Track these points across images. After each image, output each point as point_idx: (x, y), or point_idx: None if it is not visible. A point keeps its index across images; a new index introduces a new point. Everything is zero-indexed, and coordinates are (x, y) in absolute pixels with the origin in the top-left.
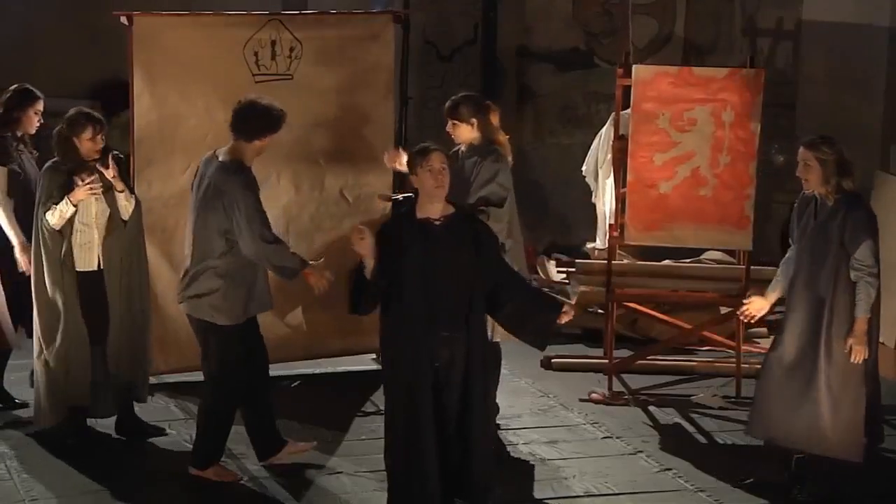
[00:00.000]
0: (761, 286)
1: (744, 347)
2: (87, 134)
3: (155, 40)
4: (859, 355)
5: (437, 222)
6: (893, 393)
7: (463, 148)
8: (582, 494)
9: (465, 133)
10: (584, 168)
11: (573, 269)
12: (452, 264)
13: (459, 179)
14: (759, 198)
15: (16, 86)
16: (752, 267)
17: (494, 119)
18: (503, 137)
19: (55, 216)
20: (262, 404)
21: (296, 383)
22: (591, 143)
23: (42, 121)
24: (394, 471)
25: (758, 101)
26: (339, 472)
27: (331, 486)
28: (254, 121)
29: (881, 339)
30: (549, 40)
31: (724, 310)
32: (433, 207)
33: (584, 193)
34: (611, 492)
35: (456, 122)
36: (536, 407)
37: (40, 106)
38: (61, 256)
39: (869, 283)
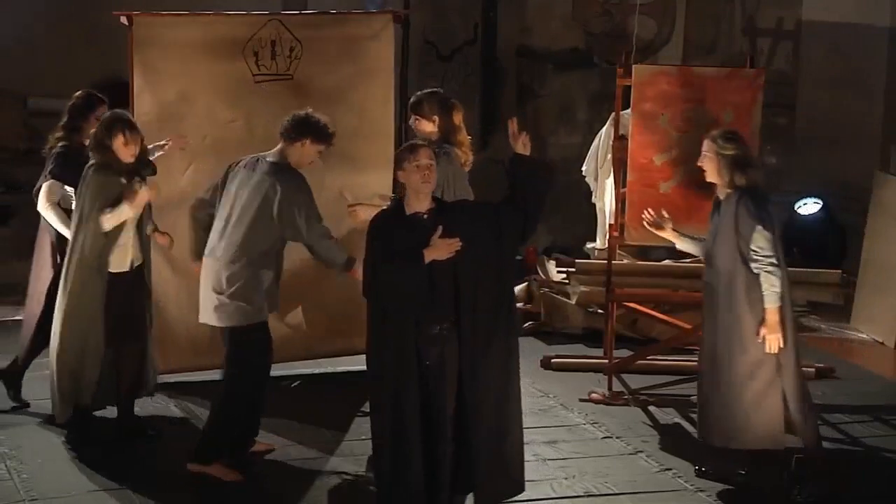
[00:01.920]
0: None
1: None
2: (122, 137)
3: (155, 40)
4: (774, 345)
5: (426, 216)
6: (893, 393)
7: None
8: (582, 494)
9: (426, 129)
10: (584, 168)
11: (573, 269)
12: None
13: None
14: None
15: (79, 92)
16: None
17: (458, 119)
18: (464, 137)
19: (112, 220)
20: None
21: (296, 383)
22: (591, 143)
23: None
24: (381, 472)
25: (758, 101)
26: (339, 472)
27: (331, 485)
28: (304, 126)
29: (881, 339)
30: (549, 40)
31: None
32: (420, 203)
33: (584, 193)
34: (611, 492)
35: (418, 117)
36: (536, 407)
37: (103, 110)
38: (97, 259)
39: (770, 272)
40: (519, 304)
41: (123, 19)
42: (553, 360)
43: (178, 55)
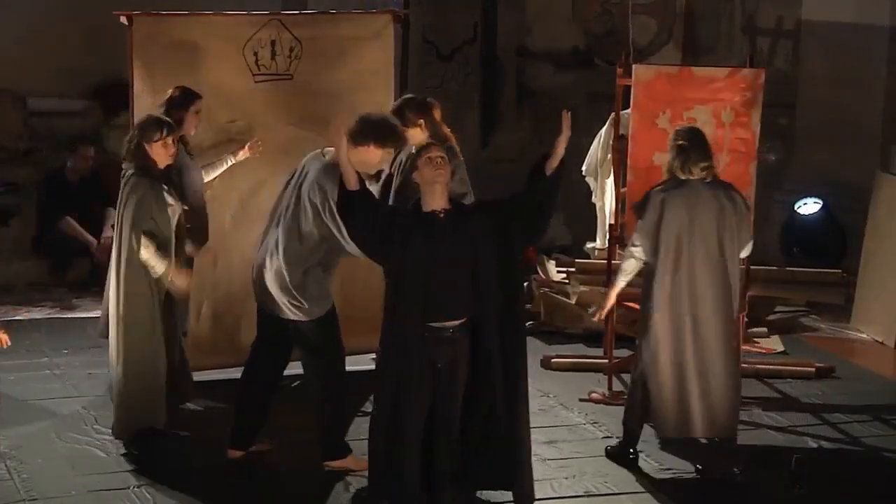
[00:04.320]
0: (761, 286)
1: (744, 347)
2: (159, 139)
3: (155, 40)
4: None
5: (441, 214)
6: (893, 393)
7: (413, 150)
8: (582, 494)
9: (416, 135)
10: (584, 168)
11: (573, 269)
12: (455, 257)
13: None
14: (757, 197)
15: (177, 86)
16: (751, 267)
17: (438, 115)
18: (448, 131)
19: (147, 255)
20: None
21: (296, 383)
22: (591, 143)
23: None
24: (374, 460)
25: (758, 101)
26: (339, 472)
27: (331, 486)
28: (365, 126)
29: (881, 339)
30: (549, 40)
31: None
32: (436, 200)
33: (585, 193)
34: (611, 492)
35: (404, 127)
36: (536, 407)
37: (200, 105)
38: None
39: (623, 255)
40: None
41: (123, 19)
42: (553, 360)
43: (178, 55)
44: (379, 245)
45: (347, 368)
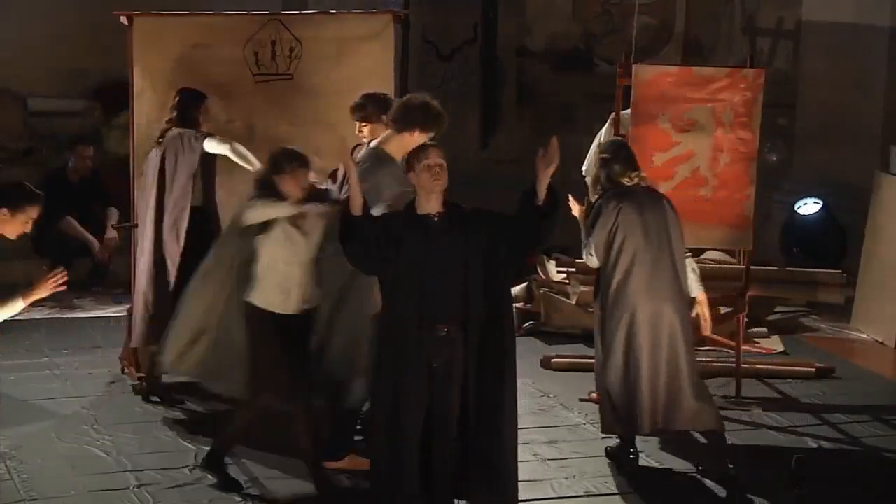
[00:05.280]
0: (761, 286)
1: (744, 347)
2: (288, 173)
3: (155, 40)
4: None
5: (436, 217)
6: (893, 393)
7: (371, 146)
8: (582, 494)
9: (378, 131)
10: (584, 168)
11: (573, 269)
12: (449, 259)
13: (375, 178)
14: (758, 197)
15: (181, 88)
16: (752, 267)
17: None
18: None
19: None
20: None
21: None
22: (591, 143)
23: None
24: (374, 460)
25: (758, 101)
26: (339, 473)
27: (331, 486)
28: (409, 111)
29: (881, 339)
30: (549, 40)
31: (724, 310)
32: (431, 204)
33: (585, 193)
34: (611, 492)
35: (368, 123)
36: (536, 407)
37: (209, 103)
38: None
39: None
40: (519, 304)
41: (123, 19)
42: (553, 360)
43: (179, 55)
44: (376, 259)
45: None
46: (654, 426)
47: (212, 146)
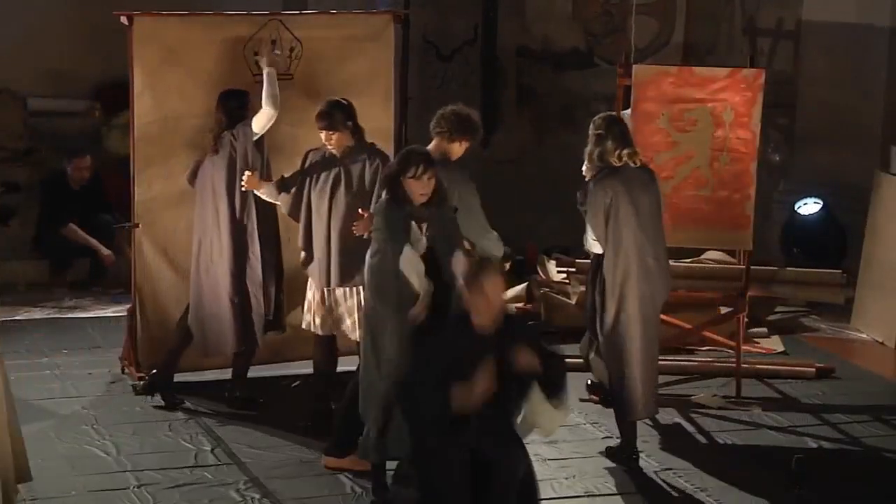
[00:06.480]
0: (761, 286)
1: (744, 347)
2: (412, 174)
3: (155, 40)
4: None
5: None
6: (893, 393)
7: (336, 153)
8: (582, 494)
9: (344, 139)
10: (584, 168)
11: (573, 269)
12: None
13: (347, 182)
14: (758, 197)
15: (224, 91)
16: (752, 266)
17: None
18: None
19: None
20: None
21: (296, 383)
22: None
23: None
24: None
25: (758, 101)
26: (339, 472)
27: (331, 485)
28: (463, 123)
29: (881, 339)
30: (549, 40)
31: (724, 310)
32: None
33: (585, 193)
34: (611, 492)
35: (335, 132)
36: None
37: (251, 98)
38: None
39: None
40: (519, 304)
41: (123, 19)
42: None
43: (178, 55)
44: None
45: (349, 368)
46: (648, 413)
47: (257, 120)
